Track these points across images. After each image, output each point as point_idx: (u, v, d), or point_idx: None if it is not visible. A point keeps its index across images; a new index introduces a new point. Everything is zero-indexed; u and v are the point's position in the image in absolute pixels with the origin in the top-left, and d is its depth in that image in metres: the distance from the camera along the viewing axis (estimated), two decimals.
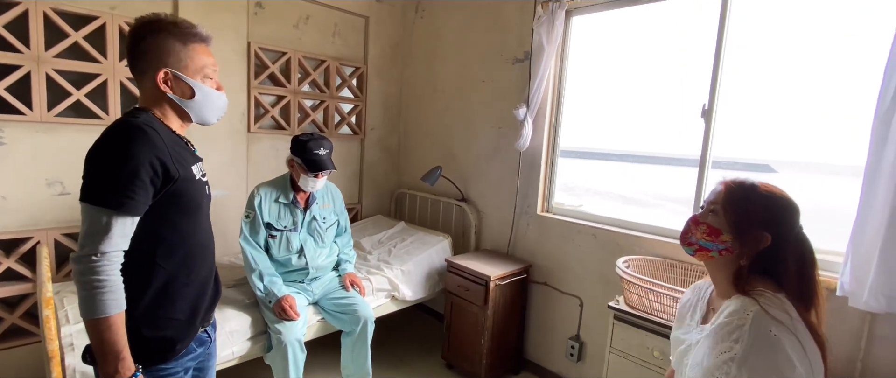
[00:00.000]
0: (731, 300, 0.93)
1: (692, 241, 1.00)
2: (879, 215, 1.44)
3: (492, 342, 2.35)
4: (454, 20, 2.94)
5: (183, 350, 1.09)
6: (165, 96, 1.03)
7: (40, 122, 1.98)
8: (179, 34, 1.01)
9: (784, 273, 0.91)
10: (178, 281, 1.06)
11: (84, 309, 0.92)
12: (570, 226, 2.37)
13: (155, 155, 0.94)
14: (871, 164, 1.46)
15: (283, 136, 2.79)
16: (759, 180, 0.98)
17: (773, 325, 0.83)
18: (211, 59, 1.07)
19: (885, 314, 1.46)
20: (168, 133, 1.02)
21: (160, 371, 1.06)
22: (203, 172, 1.13)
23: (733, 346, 0.84)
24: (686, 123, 2.00)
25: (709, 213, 0.99)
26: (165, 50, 1.00)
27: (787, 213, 0.94)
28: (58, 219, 2.09)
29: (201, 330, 1.16)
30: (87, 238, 0.92)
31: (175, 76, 1.02)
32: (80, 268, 0.91)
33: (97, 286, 0.90)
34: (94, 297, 0.90)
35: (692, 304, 1.11)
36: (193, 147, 1.15)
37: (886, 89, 1.42)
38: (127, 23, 2.13)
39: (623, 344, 1.84)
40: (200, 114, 1.08)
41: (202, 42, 1.05)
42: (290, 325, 1.83)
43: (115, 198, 0.91)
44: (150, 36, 1.00)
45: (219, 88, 1.10)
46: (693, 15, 2.04)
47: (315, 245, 2.08)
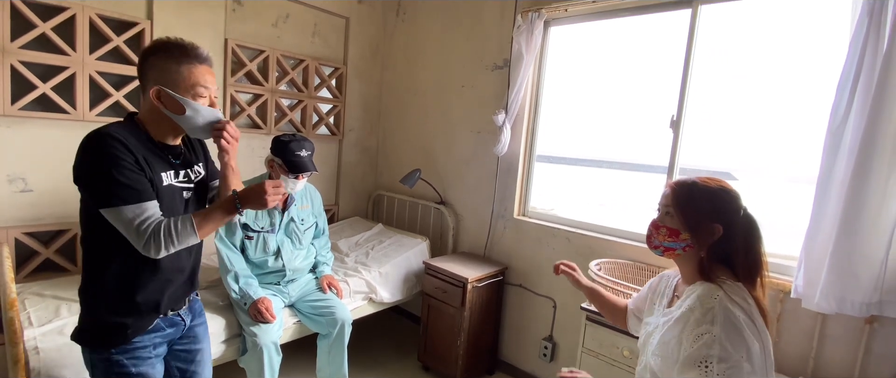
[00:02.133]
0: (695, 285, 1.01)
1: (657, 244, 1.08)
2: (830, 223, 1.54)
3: (468, 343, 2.38)
4: (435, 25, 2.97)
5: (137, 334, 1.16)
6: (159, 110, 1.12)
7: (3, 115, 1.89)
8: (176, 55, 1.10)
9: (735, 254, 0.99)
10: (140, 271, 1.14)
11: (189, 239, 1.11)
12: (546, 229, 2.43)
13: (129, 150, 1.06)
14: (823, 174, 1.57)
15: (259, 136, 2.76)
16: (699, 176, 1.06)
17: (735, 308, 0.92)
18: (207, 78, 1.14)
19: (835, 315, 1.57)
20: (136, 140, 1.10)
21: (126, 347, 1.15)
22: (187, 178, 1.24)
23: (711, 327, 0.91)
24: (656, 132, 2.09)
25: (665, 215, 1.07)
26: (160, 69, 1.10)
27: (728, 201, 1.02)
28: (19, 217, 2.00)
29: (171, 313, 1.25)
30: (134, 232, 1.05)
31: (166, 93, 1.10)
32: (153, 250, 1.06)
33: (177, 229, 1.07)
34: (183, 233, 1.08)
35: (660, 291, 1.19)
36: (179, 155, 1.23)
37: (838, 105, 1.53)
38: (99, 15, 2.06)
39: (595, 343, 1.90)
40: (191, 128, 1.15)
41: (199, 62, 1.13)
42: (266, 327, 1.81)
43: (128, 193, 1.04)
44: (152, 56, 1.11)
45: (212, 105, 1.17)
46: (664, 31, 2.14)
47: (292, 247, 2.06)
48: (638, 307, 1.29)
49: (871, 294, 1.49)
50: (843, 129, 1.53)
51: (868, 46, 1.47)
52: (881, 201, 1.46)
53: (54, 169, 2.05)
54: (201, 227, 1.11)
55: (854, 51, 1.50)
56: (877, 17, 1.46)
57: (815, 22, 1.80)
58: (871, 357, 1.58)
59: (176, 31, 2.29)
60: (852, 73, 1.50)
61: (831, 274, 1.52)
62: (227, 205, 1.14)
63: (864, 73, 1.48)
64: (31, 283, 1.93)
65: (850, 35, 1.52)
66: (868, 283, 1.49)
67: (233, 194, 1.14)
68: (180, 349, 1.32)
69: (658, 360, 1.00)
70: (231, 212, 1.14)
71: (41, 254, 2.05)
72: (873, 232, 1.47)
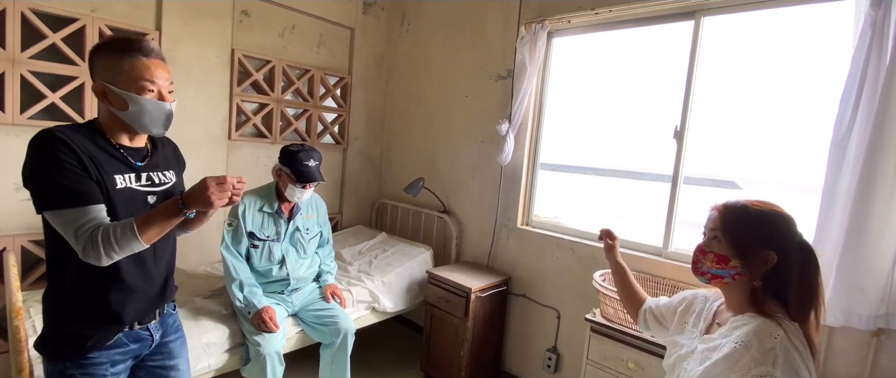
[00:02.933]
0: (747, 317, 0.93)
1: (704, 271, 1.01)
2: (835, 236, 1.54)
3: (471, 354, 2.37)
4: (439, 35, 3.00)
5: (100, 346, 1.11)
6: (108, 109, 1.10)
7: (12, 124, 1.91)
8: (117, 49, 1.07)
9: (789, 286, 0.92)
10: (99, 279, 1.09)
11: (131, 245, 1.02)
12: (549, 239, 2.43)
13: (72, 151, 1.01)
14: (827, 187, 1.57)
15: (264, 145, 2.77)
16: (749, 199, 1.00)
17: (795, 353, 0.85)
18: (153, 72, 1.09)
19: (842, 328, 1.56)
20: (87, 141, 1.06)
21: (81, 361, 1.10)
22: (150, 181, 1.18)
23: (772, 370, 0.83)
24: (659, 141, 2.10)
25: (712, 240, 1.00)
26: (102, 65, 1.08)
27: (782, 227, 0.95)
28: (25, 225, 2.01)
29: (138, 327, 1.19)
30: (73, 236, 1.00)
31: (109, 89, 1.07)
32: (93, 257, 1.00)
33: (116, 235, 1.00)
34: (123, 238, 1.00)
35: (696, 312, 1.12)
36: (144, 157, 1.19)
37: (842, 118, 1.54)
38: (108, 26, 2.09)
39: (599, 355, 1.89)
40: (139, 123, 1.11)
41: (144, 55, 1.08)
42: (270, 337, 1.81)
43: (68, 195, 0.99)
44: (94, 53, 1.09)
45: (161, 98, 1.11)
46: (667, 41, 2.15)
47: (297, 256, 2.06)
48: (661, 313, 1.22)
49: (877, 307, 1.49)
50: (847, 142, 1.53)
51: (871, 60, 1.48)
52: (886, 214, 1.45)
53: None
54: (144, 231, 1.02)
55: (857, 64, 1.51)
56: (879, 30, 1.47)
57: (818, 34, 1.81)
58: (879, 370, 1.56)
59: (184, 41, 2.32)
60: (855, 87, 1.50)
61: (838, 287, 1.52)
62: (171, 206, 1.05)
63: (868, 87, 1.49)
64: (36, 291, 1.93)
65: (853, 48, 1.53)
66: (875, 296, 1.48)
67: (178, 195, 1.07)
68: (153, 365, 1.27)
69: None
70: (175, 214, 1.05)
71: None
72: (879, 245, 1.47)
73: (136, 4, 2.19)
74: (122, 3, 2.15)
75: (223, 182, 1.05)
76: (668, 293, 1.97)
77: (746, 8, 1.86)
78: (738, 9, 1.88)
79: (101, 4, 2.09)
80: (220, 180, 1.05)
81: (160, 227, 1.05)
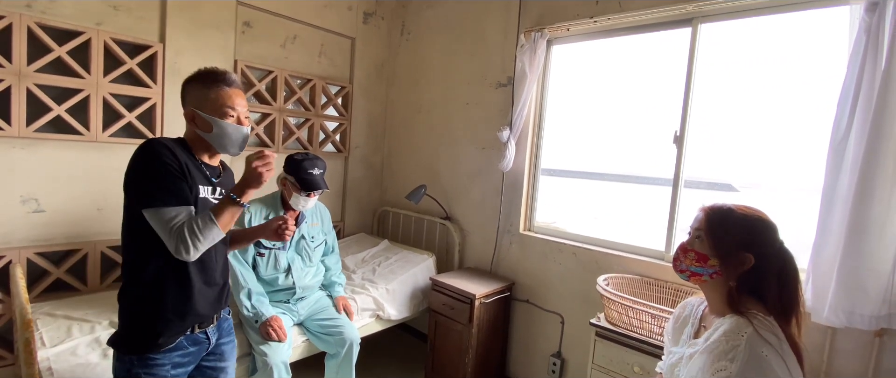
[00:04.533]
0: (725, 319, 0.97)
1: (683, 268, 1.05)
2: (836, 237, 1.56)
3: (476, 360, 2.37)
4: (439, 44, 3.03)
5: (167, 345, 1.22)
6: (194, 131, 1.27)
7: (18, 137, 1.92)
8: (206, 81, 1.26)
9: (767, 289, 0.96)
10: (173, 281, 1.21)
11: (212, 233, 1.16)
12: (552, 244, 2.45)
13: (176, 158, 1.18)
14: (827, 189, 1.59)
15: None
16: (736, 203, 1.04)
17: (764, 347, 0.88)
18: (234, 100, 1.26)
19: (845, 328, 1.57)
20: (183, 151, 1.23)
21: (148, 360, 1.20)
22: (220, 195, 1.32)
23: (728, 364, 0.88)
24: (659, 145, 2.13)
25: (695, 239, 1.04)
26: (193, 94, 1.27)
27: (764, 233, 0.99)
28: (31, 237, 2.02)
29: (198, 330, 1.29)
30: (166, 232, 1.13)
31: (198, 114, 1.24)
32: (183, 250, 1.13)
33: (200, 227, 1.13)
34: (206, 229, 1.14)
35: (683, 319, 1.16)
36: (218, 175, 1.34)
37: (839, 122, 1.56)
38: (113, 39, 2.11)
39: (604, 360, 1.90)
40: (220, 144, 1.27)
41: (227, 86, 1.26)
42: (276, 346, 1.82)
43: (167, 195, 1.14)
44: (189, 83, 1.28)
45: (239, 123, 1.28)
46: (665, 48, 2.18)
47: (303, 264, 2.07)
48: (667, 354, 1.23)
49: (880, 307, 1.50)
50: (845, 144, 1.55)
51: (866, 64, 1.50)
52: (885, 215, 1.48)
53: (67, 190, 2.08)
54: (219, 218, 1.17)
55: (853, 68, 1.54)
56: (874, 34, 1.50)
57: (814, 39, 1.85)
58: (882, 370, 1.57)
59: (187, 53, 2.35)
60: (852, 90, 1.53)
61: (839, 287, 1.53)
62: (231, 199, 1.19)
63: (864, 90, 1.51)
64: (42, 303, 1.94)
65: (849, 53, 1.56)
66: (877, 297, 1.50)
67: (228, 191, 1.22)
68: (206, 366, 1.37)
69: None
70: (237, 204, 1.20)
71: (52, 273, 2.07)
72: (879, 245, 1.49)
73: (140, 17, 2.21)
74: (128, 17, 2.17)
75: (262, 155, 1.19)
76: (670, 296, 1.99)
77: (742, 15, 1.90)
78: (734, 15, 1.91)
79: (107, 18, 2.11)
80: (259, 154, 1.19)
81: (228, 214, 1.19)
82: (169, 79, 2.29)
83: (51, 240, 2.06)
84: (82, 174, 2.12)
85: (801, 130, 1.89)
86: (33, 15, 1.92)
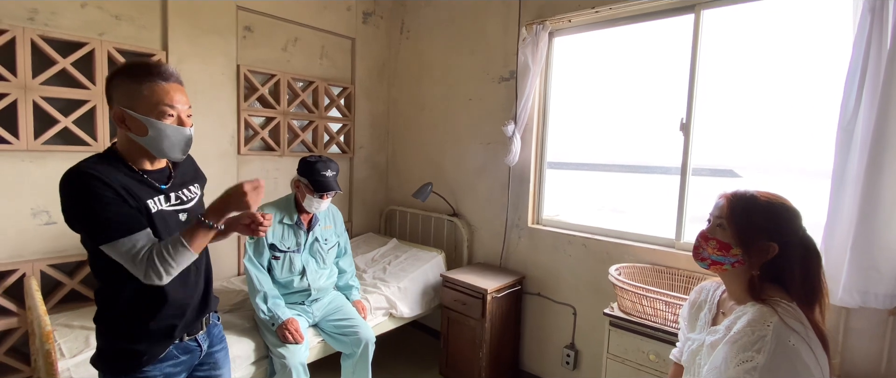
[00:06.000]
0: (746, 307, 0.96)
1: (704, 257, 1.03)
2: (847, 218, 1.57)
3: (490, 354, 2.38)
4: (439, 41, 3.03)
5: (151, 362, 1.16)
6: (126, 135, 1.09)
7: (26, 150, 1.93)
8: (135, 74, 1.06)
9: (791, 277, 0.94)
10: (149, 301, 1.14)
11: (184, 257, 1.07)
12: (561, 236, 2.45)
13: (107, 185, 1.03)
14: (837, 170, 1.59)
15: (273, 158, 2.79)
16: (758, 190, 1.02)
17: (791, 336, 0.86)
18: (173, 96, 1.08)
19: (859, 308, 1.58)
20: (114, 171, 1.07)
21: (139, 374, 1.15)
22: (179, 200, 1.21)
23: (755, 355, 0.86)
24: (665, 134, 2.13)
25: (716, 227, 1.02)
26: (121, 90, 1.07)
27: (787, 220, 0.97)
28: (44, 249, 2.02)
29: (187, 338, 1.24)
30: (132, 264, 1.04)
31: (129, 114, 1.06)
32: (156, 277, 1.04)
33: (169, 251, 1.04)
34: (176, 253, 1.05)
35: (699, 304, 1.16)
36: (167, 178, 1.20)
37: (847, 102, 1.57)
38: (117, 48, 2.11)
39: (619, 349, 1.91)
40: (158, 149, 1.11)
41: (163, 80, 1.07)
42: (294, 348, 1.83)
43: (116, 228, 1.02)
44: (112, 78, 1.08)
45: (181, 123, 1.11)
46: (668, 35, 2.18)
47: (317, 266, 2.08)
48: (682, 340, 1.22)
49: (893, 286, 1.51)
50: (854, 125, 1.56)
51: (872, 44, 1.51)
52: None
53: None
54: (191, 240, 1.07)
55: (858, 49, 1.54)
56: (878, 14, 1.50)
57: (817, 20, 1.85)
58: None
59: (190, 59, 2.35)
60: (858, 71, 1.54)
61: (852, 268, 1.54)
62: (202, 223, 1.10)
63: (871, 70, 1.52)
64: (58, 315, 1.95)
65: (854, 33, 1.56)
66: (890, 275, 1.51)
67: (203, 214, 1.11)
68: (200, 375, 1.33)
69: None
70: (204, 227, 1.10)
71: (66, 285, 2.07)
72: (891, 224, 1.49)
73: (142, 26, 2.21)
74: (130, 26, 2.17)
75: (258, 186, 1.12)
76: (682, 283, 2.00)
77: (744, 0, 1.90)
78: (737, 0, 1.91)
79: (109, 28, 2.11)
80: (256, 184, 1.11)
81: (204, 236, 1.10)
82: None
83: (63, 251, 2.07)
84: None
85: (807, 113, 1.89)
86: (36, 28, 1.92)
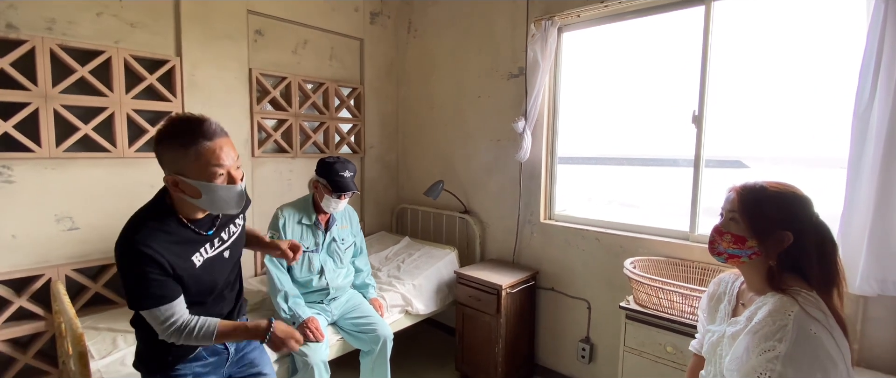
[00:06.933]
0: (766, 297, 0.97)
1: (721, 251, 1.04)
2: (864, 206, 1.57)
3: (506, 349, 2.40)
4: (447, 39, 3.05)
5: (177, 363, 1.27)
6: (181, 197, 1.14)
7: (49, 158, 1.97)
8: (182, 140, 1.08)
9: (808, 264, 0.95)
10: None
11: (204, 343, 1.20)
12: (574, 231, 2.46)
13: (155, 261, 1.11)
14: (853, 159, 1.59)
15: (286, 160, 2.83)
16: (767, 180, 1.03)
17: (812, 324, 0.87)
18: (219, 154, 1.10)
19: (878, 297, 1.58)
20: (165, 235, 1.13)
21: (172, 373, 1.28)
22: (221, 241, 1.29)
23: (777, 345, 0.87)
24: (677, 126, 2.13)
25: (729, 221, 1.03)
26: (170, 157, 1.10)
27: (800, 208, 0.97)
28: (68, 254, 2.07)
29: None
30: (158, 327, 1.15)
31: (181, 180, 1.10)
32: (181, 341, 1.16)
33: (196, 334, 1.16)
34: (203, 338, 1.17)
35: (718, 296, 1.17)
36: (213, 222, 1.26)
37: (862, 90, 1.56)
38: (132, 56, 2.15)
39: (636, 342, 1.92)
40: (213, 208, 1.16)
41: (207, 139, 1.09)
42: (315, 346, 1.86)
43: (152, 300, 1.12)
44: (159, 144, 1.11)
45: (232, 180, 1.13)
46: (678, 27, 2.18)
47: (334, 265, 2.11)
48: (702, 333, 1.23)
49: None
50: (870, 113, 1.55)
51: (887, 31, 1.50)
52: None
53: (98, 206, 2.13)
54: (221, 337, 1.19)
55: (873, 37, 1.53)
56: (893, 1, 1.49)
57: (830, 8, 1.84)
58: None
59: (203, 64, 2.38)
60: (873, 59, 1.53)
61: (870, 256, 1.54)
62: (256, 334, 1.23)
63: (886, 58, 1.51)
64: (84, 318, 2.00)
65: (868, 21, 1.56)
66: None
67: (267, 325, 1.23)
68: (242, 376, 1.41)
69: (735, 376, 0.95)
70: (255, 338, 1.24)
71: (90, 288, 2.12)
72: None
73: (156, 33, 2.25)
74: (144, 33, 2.21)
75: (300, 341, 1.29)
76: (698, 275, 2.00)
77: None
78: None
79: (125, 36, 2.15)
80: (299, 340, 1.28)
81: (237, 339, 1.29)
82: (188, 91, 2.33)
83: (87, 256, 2.12)
84: (112, 190, 2.17)
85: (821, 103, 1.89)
86: (55, 37, 1.96)
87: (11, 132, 1.87)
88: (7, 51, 1.86)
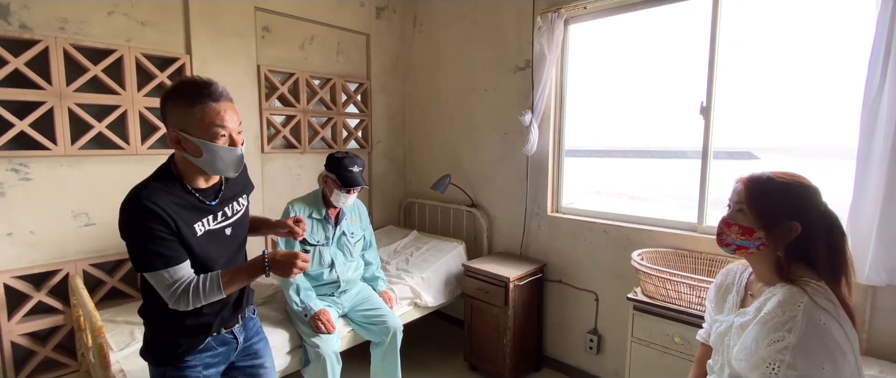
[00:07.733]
0: (776, 288, 0.97)
1: (729, 242, 1.04)
2: (873, 196, 1.57)
3: (514, 341, 2.43)
4: (452, 33, 3.05)
5: (188, 355, 1.25)
6: (182, 155, 1.15)
7: (64, 155, 2.01)
8: (188, 97, 1.10)
9: (816, 254, 0.95)
10: None
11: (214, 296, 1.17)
12: (581, 224, 2.48)
13: (161, 218, 1.10)
14: (862, 149, 1.59)
15: (295, 155, 2.86)
16: (773, 170, 1.02)
17: (821, 315, 0.88)
18: (223, 116, 1.11)
19: (886, 287, 1.58)
20: (171, 198, 1.13)
21: (179, 365, 1.25)
22: (224, 216, 1.27)
23: (786, 335, 0.88)
24: (685, 118, 2.13)
25: (737, 212, 1.03)
26: (174, 113, 1.11)
27: (807, 198, 0.97)
28: (85, 249, 2.12)
29: (224, 331, 1.32)
30: (165, 293, 1.14)
31: (184, 137, 1.11)
32: (182, 306, 1.14)
33: (203, 290, 1.14)
34: (210, 291, 1.15)
35: (726, 286, 1.17)
36: (217, 193, 1.26)
37: (871, 80, 1.56)
38: (143, 54, 2.18)
39: (644, 333, 1.93)
40: (213, 169, 1.16)
41: (213, 101, 1.10)
42: (327, 338, 1.90)
43: (160, 260, 1.11)
44: (165, 101, 1.12)
45: (233, 143, 1.15)
46: (686, 18, 2.17)
47: (345, 259, 2.15)
48: (709, 323, 1.24)
49: None
50: (879, 103, 1.55)
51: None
52: None
53: (113, 202, 2.11)
54: (227, 286, 1.16)
55: (882, 26, 1.53)
56: None
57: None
58: None
59: (212, 61, 2.41)
60: (882, 49, 1.52)
61: (879, 246, 1.54)
62: (255, 268, 1.19)
63: (895, 47, 1.50)
64: (102, 311, 2.04)
65: (877, 10, 1.55)
66: None
67: (262, 257, 1.19)
68: (244, 366, 1.41)
69: (744, 366, 0.96)
70: (258, 274, 1.20)
71: (107, 283, 2.17)
72: None
73: (166, 31, 2.27)
74: (155, 31, 2.23)
75: (307, 261, 1.22)
76: (705, 266, 2.01)
77: None
78: None
79: (136, 34, 2.18)
80: (305, 259, 1.21)
81: (242, 282, 1.21)
82: None
83: (103, 251, 2.16)
84: (126, 186, 2.14)
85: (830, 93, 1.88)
86: (67, 37, 1.99)
87: (28, 131, 1.91)
88: (21, 50, 1.89)
